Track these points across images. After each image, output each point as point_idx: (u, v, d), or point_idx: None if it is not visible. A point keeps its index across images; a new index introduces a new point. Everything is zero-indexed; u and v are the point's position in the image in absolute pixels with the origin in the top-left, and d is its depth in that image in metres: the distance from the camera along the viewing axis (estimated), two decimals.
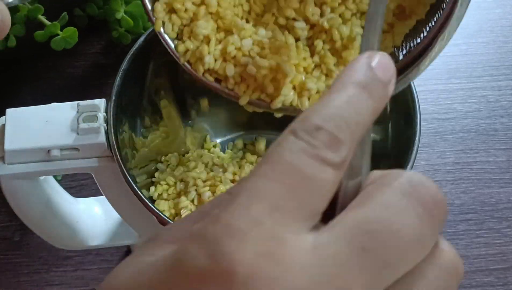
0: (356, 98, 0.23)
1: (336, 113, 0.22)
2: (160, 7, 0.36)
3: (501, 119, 0.63)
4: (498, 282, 0.54)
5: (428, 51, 0.36)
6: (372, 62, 0.24)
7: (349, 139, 0.22)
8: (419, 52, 0.36)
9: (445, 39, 0.35)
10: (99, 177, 0.43)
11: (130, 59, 0.43)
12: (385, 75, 0.24)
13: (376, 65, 0.24)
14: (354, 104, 0.23)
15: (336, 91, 0.23)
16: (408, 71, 0.36)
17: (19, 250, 0.57)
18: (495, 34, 0.69)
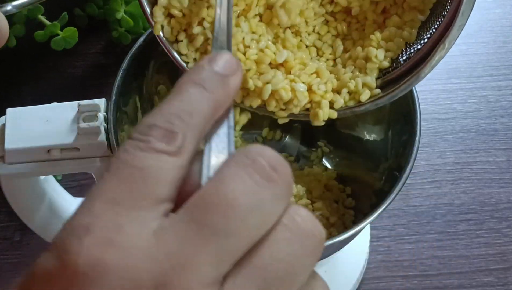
0: (190, 94, 0.24)
1: (166, 109, 0.24)
2: (158, 11, 0.36)
3: (501, 119, 0.63)
4: (498, 282, 0.54)
5: (428, 59, 0.36)
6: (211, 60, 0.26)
7: (184, 129, 0.23)
8: (419, 59, 0.36)
9: (445, 48, 0.35)
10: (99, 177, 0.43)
11: (130, 59, 0.43)
12: (225, 68, 0.26)
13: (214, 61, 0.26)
14: (188, 100, 0.24)
15: (171, 94, 0.25)
16: (408, 78, 0.36)
17: (19, 250, 0.57)
18: (495, 34, 0.69)
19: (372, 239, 0.56)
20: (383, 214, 0.38)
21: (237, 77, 0.26)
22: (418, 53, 0.37)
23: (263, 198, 0.22)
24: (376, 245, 0.56)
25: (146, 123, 0.23)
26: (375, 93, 0.36)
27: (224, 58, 0.26)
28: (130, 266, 0.21)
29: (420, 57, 0.37)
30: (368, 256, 0.54)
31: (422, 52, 0.37)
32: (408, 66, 0.37)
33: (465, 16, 0.34)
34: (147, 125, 0.23)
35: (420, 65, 0.36)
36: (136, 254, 0.21)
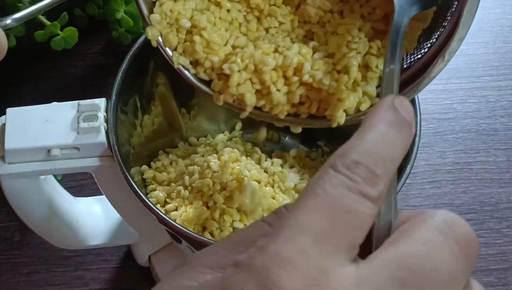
0: (388, 134, 0.25)
1: (372, 149, 0.24)
2: (158, 18, 0.36)
3: (501, 119, 0.63)
4: (498, 282, 0.54)
5: (428, 71, 0.35)
6: (396, 104, 0.26)
7: (385, 175, 0.24)
8: (418, 69, 0.36)
9: (445, 60, 0.35)
10: (99, 177, 0.43)
11: (130, 59, 0.43)
12: (408, 116, 0.26)
13: (400, 107, 0.26)
14: (387, 140, 0.24)
15: (369, 128, 0.25)
16: (407, 89, 0.36)
17: (19, 250, 0.57)
18: (495, 34, 0.69)
19: None
20: None
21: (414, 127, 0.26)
22: (418, 63, 0.37)
23: (458, 271, 0.23)
24: None
25: (352, 157, 0.23)
26: (375, 102, 0.36)
27: (406, 104, 0.26)
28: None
29: (419, 67, 0.37)
30: None
31: (422, 62, 0.36)
32: (407, 76, 0.37)
33: (465, 28, 0.34)
34: (354, 161, 0.23)
35: (420, 76, 0.36)
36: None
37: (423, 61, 0.36)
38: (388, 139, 0.25)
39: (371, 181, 0.23)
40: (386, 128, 0.25)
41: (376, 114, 0.25)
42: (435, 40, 0.36)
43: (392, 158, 0.24)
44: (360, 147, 0.24)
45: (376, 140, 0.24)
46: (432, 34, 0.36)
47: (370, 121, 0.25)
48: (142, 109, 0.47)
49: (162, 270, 0.52)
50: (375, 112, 0.25)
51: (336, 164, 0.23)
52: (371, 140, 0.24)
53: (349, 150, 0.24)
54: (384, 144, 0.24)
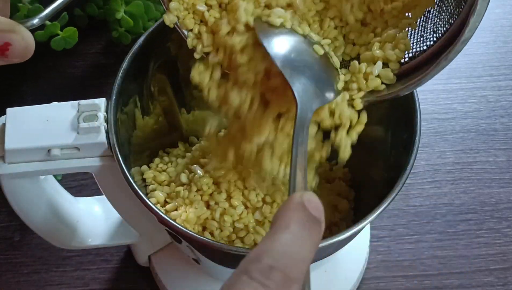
0: (299, 235, 0.26)
1: (285, 251, 0.25)
2: (176, 5, 0.39)
3: (501, 119, 0.63)
4: (498, 282, 0.54)
5: (430, 68, 0.36)
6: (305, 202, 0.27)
7: (299, 276, 0.24)
8: (419, 63, 0.37)
9: (448, 60, 0.35)
10: (99, 177, 0.43)
11: (130, 59, 0.43)
12: (318, 213, 0.27)
13: (308, 204, 0.27)
14: (299, 241, 0.25)
15: (280, 229, 0.25)
16: (406, 85, 0.37)
17: (19, 250, 0.57)
18: (495, 34, 0.69)
19: (372, 239, 0.56)
20: (383, 214, 0.38)
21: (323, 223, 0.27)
22: (420, 58, 0.37)
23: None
24: (376, 245, 0.56)
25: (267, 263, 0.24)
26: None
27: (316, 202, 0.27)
28: None
29: (420, 61, 0.37)
30: (368, 256, 0.55)
31: (423, 58, 0.37)
32: (409, 67, 0.37)
33: (471, 31, 0.34)
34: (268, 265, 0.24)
35: (420, 72, 0.36)
36: None
37: (425, 56, 0.37)
38: (300, 240, 0.25)
39: (286, 285, 0.24)
40: (296, 229, 0.26)
41: (286, 214, 0.26)
42: (440, 36, 0.36)
43: (304, 259, 0.25)
44: (273, 251, 0.24)
45: (288, 243, 0.25)
46: (439, 27, 0.37)
47: (281, 221, 0.26)
48: (142, 109, 0.47)
49: (162, 270, 0.52)
50: (285, 211, 0.26)
51: (250, 269, 0.24)
52: (284, 242, 0.25)
53: (263, 254, 0.24)
54: (296, 246, 0.25)
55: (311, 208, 0.27)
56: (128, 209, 0.46)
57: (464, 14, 0.35)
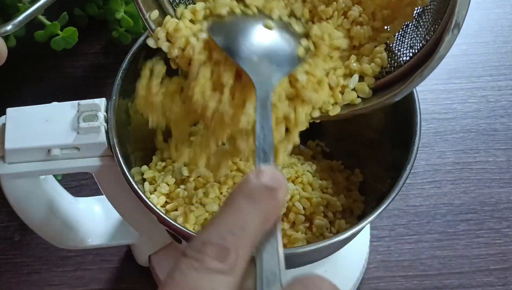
0: (241, 207, 0.26)
1: (221, 225, 0.25)
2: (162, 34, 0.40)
3: (501, 119, 0.63)
4: (498, 282, 0.54)
5: (406, 83, 0.36)
6: (259, 174, 0.27)
7: (237, 243, 0.25)
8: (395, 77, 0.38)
9: (423, 76, 0.35)
10: (99, 177, 0.43)
11: (130, 59, 0.43)
12: (272, 182, 0.27)
13: (262, 175, 0.27)
14: (240, 213, 0.26)
15: (223, 207, 0.26)
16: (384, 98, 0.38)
17: (19, 250, 0.57)
18: (495, 34, 0.69)
19: (372, 239, 0.56)
20: (383, 214, 0.38)
21: (284, 191, 0.28)
22: (397, 71, 0.38)
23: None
24: (376, 245, 0.56)
25: (200, 239, 0.25)
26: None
27: (271, 172, 0.27)
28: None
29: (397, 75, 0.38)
30: (368, 256, 0.54)
31: (400, 72, 0.38)
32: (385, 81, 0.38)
33: (446, 50, 0.34)
34: (201, 242, 0.24)
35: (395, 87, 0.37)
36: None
37: (402, 71, 0.37)
38: (242, 211, 0.26)
39: (220, 255, 0.24)
40: (240, 200, 0.26)
41: (234, 190, 0.27)
42: (416, 51, 0.36)
43: (242, 227, 0.25)
44: (210, 228, 0.25)
45: (227, 216, 0.26)
46: (415, 43, 0.37)
47: (227, 198, 0.27)
48: None
49: (162, 270, 0.52)
50: (235, 188, 0.27)
51: (185, 250, 0.24)
52: (223, 216, 0.26)
53: (200, 233, 0.25)
54: (234, 217, 0.26)
55: (264, 176, 0.27)
56: (128, 209, 0.46)
57: (439, 31, 0.35)
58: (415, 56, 0.37)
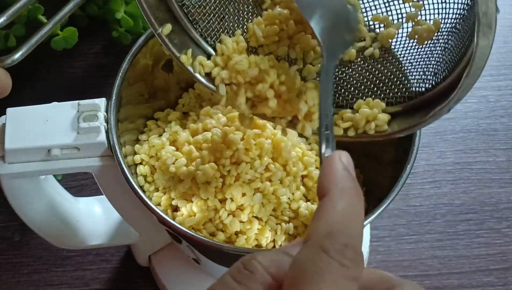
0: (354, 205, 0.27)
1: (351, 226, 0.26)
2: None
3: (501, 119, 0.63)
4: (498, 282, 0.54)
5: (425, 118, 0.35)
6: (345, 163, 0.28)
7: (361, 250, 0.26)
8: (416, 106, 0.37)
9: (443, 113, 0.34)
10: (100, 177, 0.43)
11: (130, 59, 0.43)
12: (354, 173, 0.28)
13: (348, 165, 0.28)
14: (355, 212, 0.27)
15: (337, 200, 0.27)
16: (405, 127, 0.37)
17: (19, 250, 0.57)
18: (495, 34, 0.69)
19: (372, 239, 0.56)
20: (383, 214, 0.38)
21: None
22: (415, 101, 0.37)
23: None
24: (376, 245, 0.56)
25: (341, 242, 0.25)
26: None
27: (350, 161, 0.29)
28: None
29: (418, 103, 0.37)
30: (368, 256, 0.55)
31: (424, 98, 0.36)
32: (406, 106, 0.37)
33: (465, 92, 0.34)
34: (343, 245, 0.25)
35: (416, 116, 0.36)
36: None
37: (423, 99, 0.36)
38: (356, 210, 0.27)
39: (357, 262, 0.25)
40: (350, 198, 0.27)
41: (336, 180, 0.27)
42: (439, 81, 0.35)
43: (362, 229, 0.27)
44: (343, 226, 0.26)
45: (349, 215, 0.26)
46: (439, 70, 0.36)
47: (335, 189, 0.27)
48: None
49: (162, 270, 0.52)
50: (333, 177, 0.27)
51: (327, 247, 0.25)
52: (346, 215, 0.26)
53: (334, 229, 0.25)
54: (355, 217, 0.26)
55: (352, 171, 0.28)
56: (128, 209, 0.46)
57: (460, 70, 0.34)
58: (438, 87, 0.35)
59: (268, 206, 0.42)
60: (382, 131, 0.37)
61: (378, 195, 0.40)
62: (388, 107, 0.37)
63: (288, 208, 0.42)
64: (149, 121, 0.48)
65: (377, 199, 0.39)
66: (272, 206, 0.42)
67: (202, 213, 0.41)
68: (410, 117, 0.36)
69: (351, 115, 0.38)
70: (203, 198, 0.41)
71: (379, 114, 0.37)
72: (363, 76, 0.39)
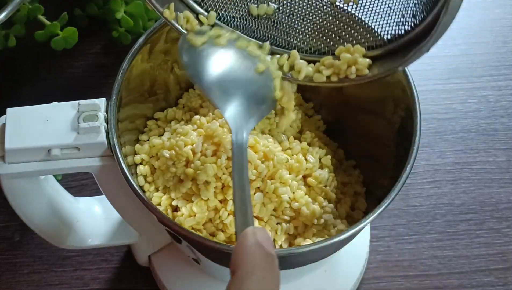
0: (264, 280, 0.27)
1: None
2: None
3: (501, 119, 0.63)
4: (498, 282, 0.54)
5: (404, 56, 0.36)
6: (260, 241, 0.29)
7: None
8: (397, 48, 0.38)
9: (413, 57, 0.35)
10: (100, 177, 0.43)
11: (130, 59, 0.43)
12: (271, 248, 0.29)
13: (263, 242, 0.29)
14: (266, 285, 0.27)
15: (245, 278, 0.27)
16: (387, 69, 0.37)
17: (19, 250, 0.57)
18: (495, 34, 0.69)
19: (372, 239, 0.56)
20: (383, 214, 0.38)
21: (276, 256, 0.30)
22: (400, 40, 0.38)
23: None
24: (376, 245, 0.56)
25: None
26: None
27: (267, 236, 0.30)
28: None
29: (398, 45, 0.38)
30: (368, 256, 0.55)
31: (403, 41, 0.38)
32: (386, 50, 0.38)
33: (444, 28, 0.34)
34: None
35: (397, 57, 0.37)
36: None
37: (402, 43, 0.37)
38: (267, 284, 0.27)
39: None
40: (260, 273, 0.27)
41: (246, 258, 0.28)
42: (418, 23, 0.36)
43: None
44: None
45: None
46: (418, 12, 0.36)
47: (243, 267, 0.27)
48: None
49: (162, 270, 0.52)
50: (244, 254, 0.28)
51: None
52: None
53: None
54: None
55: (266, 245, 0.28)
56: (128, 209, 0.46)
57: (438, 10, 0.35)
58: (416, 29, 0.36)
59: (269, 205, 0.42)
60: (363, 75, 0.38)
61: (378, 195, 0.40)
62: (369, 52, 0.39)
63: (289, 207, 0.42)
64: (149, 121, 0.48)
65: (377, 199, 0.39)
66: (273, 205, 0.42)
67: (202, 213, 0.41)
68: (390, 60, 0.38)
69: (332, 61, 0.39)
70: (203, 198, 0.41)
71: (360, 59, 0.38)
72: (342, 21, 0.40)
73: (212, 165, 0.41)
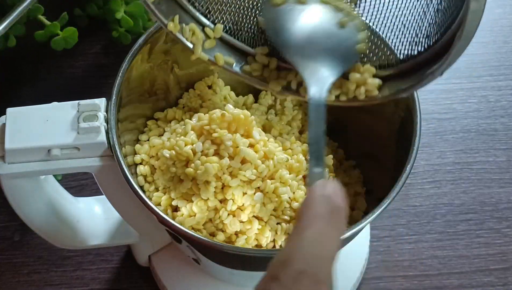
0: (325, 232, 0.25)
1: (313, 253, 0.24)
2: None
3: (501, 119, 0.63)
4: (498, 282, 0.54)
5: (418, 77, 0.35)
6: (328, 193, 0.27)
7: (327, 277, 0.24)
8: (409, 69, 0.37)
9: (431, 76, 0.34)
10: (100, 177, 0.43)
11: (130, 59, 0.43)
12: (341, 201, 0.27)
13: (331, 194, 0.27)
14: (326, 238, 0.25)
15: (306, 228, 0.25)
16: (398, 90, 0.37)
17: (19, 250, 0.57)
18: (495, 34, 0.69)
19: (372, 239, 0.56)
20: (383, 214, 0.38)
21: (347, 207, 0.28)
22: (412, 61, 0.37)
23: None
24: (376, 245, 0.56)
25: (295, 267, 0.24)
26: None
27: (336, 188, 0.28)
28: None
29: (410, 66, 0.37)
30: (368, 256, 0.55)
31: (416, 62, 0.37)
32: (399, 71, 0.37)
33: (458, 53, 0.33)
34: (297, 271, 0.24)
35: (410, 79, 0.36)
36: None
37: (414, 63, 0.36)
38: (327, 237, 0.25)
39: (316, 288, 0.23)
40: (322, 224, 0.25)
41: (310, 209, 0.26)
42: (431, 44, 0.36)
43: (332, 257, 0.25)
44: (301, 253, 0.24)
45: (315, 243, 0.25)
46: (432, 32, 0.36)
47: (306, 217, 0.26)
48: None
49: (162, 270, 0.53)
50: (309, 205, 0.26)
51: (279, 276, 0.23)
52: (311, 242, 0.25)
53: (291, 257, 0.24)
54: (324, 245, 0.25)
55: (334, 197, 0.27)
56: (128, 209, 0.46)
57: (452, 32, 0.34)
58: (430, 49, 0.36)
59: (269, 205, 0.42)
60: (372, 96, 0.37)
61: (378, 195, 0.40)
62: (380, 71, 0.38)
63: (289, 207, 0.42)
64: (149, 121, 0.48)
65: (377, 199, 0.39)
66: (273, 205, 0.42)
67: (202, 213, 0.41)
68: (401, 81, 0.37)
69: (341, 81, 0.38)
70: (203, 198, 0.41)
71: (369, 79, 0.37)
72: None
73: (212, 165, 0.41)
